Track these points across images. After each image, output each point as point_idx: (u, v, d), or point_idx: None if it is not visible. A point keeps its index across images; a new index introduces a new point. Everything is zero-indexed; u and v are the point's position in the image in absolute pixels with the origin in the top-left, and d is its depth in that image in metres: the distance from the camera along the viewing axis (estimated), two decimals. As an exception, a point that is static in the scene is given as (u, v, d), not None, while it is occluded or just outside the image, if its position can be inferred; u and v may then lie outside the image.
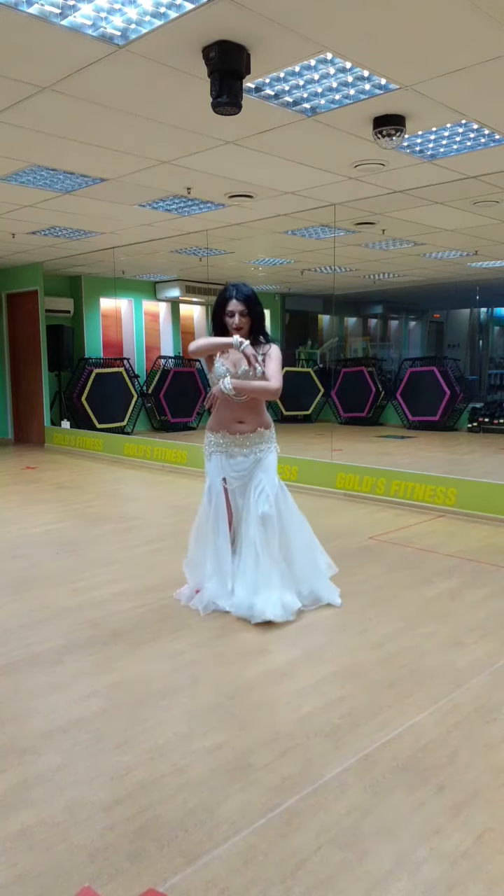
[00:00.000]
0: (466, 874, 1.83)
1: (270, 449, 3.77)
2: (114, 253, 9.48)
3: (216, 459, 3.77)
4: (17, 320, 11.13)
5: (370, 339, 15.62)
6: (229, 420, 3.73)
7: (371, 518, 5.93)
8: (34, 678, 2.98)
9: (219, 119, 4.11)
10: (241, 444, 3.71)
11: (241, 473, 3.73)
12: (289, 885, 1.79)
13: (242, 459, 3.71)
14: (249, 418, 3.73)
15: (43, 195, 6.28)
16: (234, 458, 3.72)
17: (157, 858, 1.89)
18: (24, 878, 1.83)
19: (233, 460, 3.72)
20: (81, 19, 3.11)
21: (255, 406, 3.73)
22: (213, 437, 3.79)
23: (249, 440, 3.72)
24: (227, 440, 3.74)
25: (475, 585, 4.14)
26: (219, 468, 3.77)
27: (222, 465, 3.76)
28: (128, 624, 3.56)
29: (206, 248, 9.06)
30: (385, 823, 2.03)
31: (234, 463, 3.73)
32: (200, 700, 2.78)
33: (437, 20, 3.09)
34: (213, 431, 3.79)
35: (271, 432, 3.81)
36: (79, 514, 6.15)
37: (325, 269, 10.79)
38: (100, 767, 2.32)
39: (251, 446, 3.73)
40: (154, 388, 11.98)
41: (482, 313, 14.16)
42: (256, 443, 3.73)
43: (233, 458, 3.72)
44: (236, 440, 3.72)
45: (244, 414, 3.71)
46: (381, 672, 3.00)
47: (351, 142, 4.74)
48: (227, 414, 3.73)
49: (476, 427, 11.85)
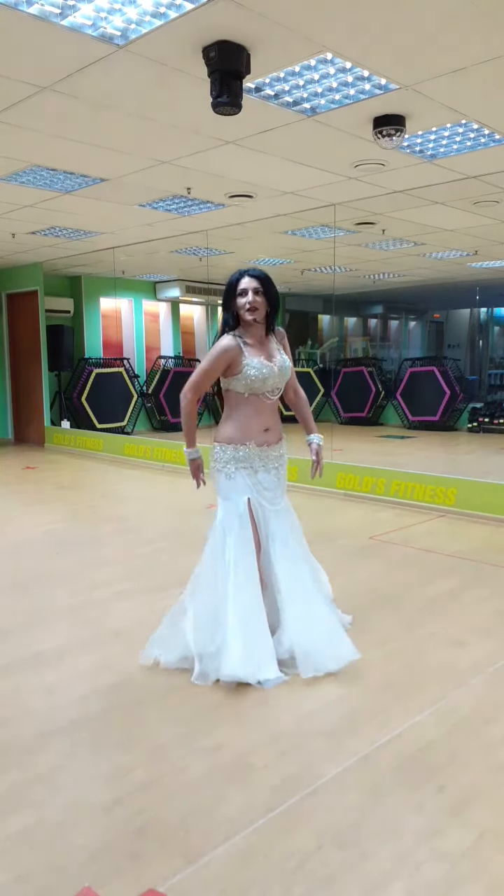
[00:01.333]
0: (466, 874, 1.83)
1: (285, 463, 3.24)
2: (114, 253, 9.48)
3: (241, 479, 3.05)
4: (17, 320, 11.13)
5: (370, 339, 15.62)
6: (256, 428, 3.06)
7: (371, 518, 5.93)
8: (34, 678, 2.97)
9: (219, 119, 4.11)
10: (266, 458, 3.09)
11: (272, 495, 3.11)
12: (289, 885, 1.79)
13: (267, 477, 3.10)
14: (275, 423, 3.14)
15: (43, 195, 6.28)
16: (258, 474, 3.08)
17: (157, 858, 1.89)
18: (24, 878, 1.83)
19: (259, 475, 3.08)
20: (81, 19, 3.11)
21: (276, 404, 3.16)
22: (233, 452, 3.05)
23: (276, 452, 3.13)
24: (252, 453, 3.06)
25: (475, 585, 4.14)
26: (246, 489, 3.05)
27: (250, 485, 3.06)
28: (128, 624, 3.56)
29: (206, 248, 9.06)
30: (385, 823, 2.03)
31: (263, 480, 3.08)
32: (200, 700, 2.77)
33: (437, 20, 3.09)
34: (233, 444, 3.05)
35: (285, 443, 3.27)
36: (79, 514, 6.15)
37: (325, 269, 10.79)
38: (100, 767, 2.32)
39: (278, 458, 3.15)
40: (154, 388, 11.99)
41: (482, 313, 14.15)
42: (279, 456, 3.16)
43: (258, 474, 3.08)
44: (263, 453, 3.08)
45: (271, 419, 3.11)
46: (381, 672, 3.00)
47: (351, 142, 4.74)
48: (252, 420, 3.07)
49: (476, 427, 11.85)
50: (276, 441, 3.13)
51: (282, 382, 3.11)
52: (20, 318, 11.04)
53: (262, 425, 3.08)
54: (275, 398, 3.11)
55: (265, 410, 3.08)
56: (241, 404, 3.07)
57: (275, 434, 3.13)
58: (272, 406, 3.12)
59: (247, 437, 3.05)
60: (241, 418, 3.07)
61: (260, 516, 3.07)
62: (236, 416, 3.08)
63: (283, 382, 3.12)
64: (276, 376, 3.05)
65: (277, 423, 3.16)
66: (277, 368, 3.05)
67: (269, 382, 3.03)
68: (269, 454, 3.10)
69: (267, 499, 3.10)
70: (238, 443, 3.06)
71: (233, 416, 3.10)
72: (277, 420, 3.16)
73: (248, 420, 3.07)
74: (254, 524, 3.04)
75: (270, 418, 3.11)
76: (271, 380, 3.03)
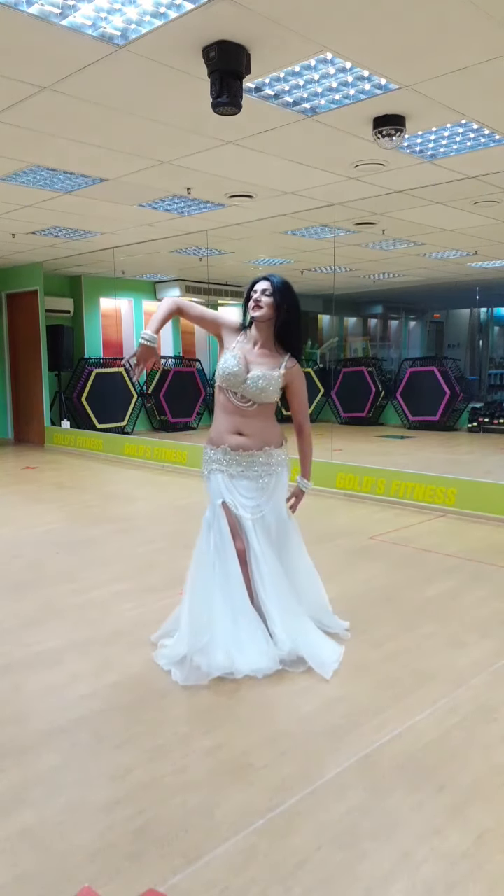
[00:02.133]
0: (466, 874, 1.83)
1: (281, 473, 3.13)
2: (114, 253, 9.48)
3: (216, 479, 3.09)
4: (17, 320, 11.13)
5: (370, 339, 15.63)
6: (226, 430, 3.07)
7: (371, 518, 5.93)
8: (34, 678, 2.97)
9: (219, 119, 4.11)
10: (244, 464, 3.05)
11: (253, 504, 3.07)
12: (289, 885, 1.79)
13: (247, 483, 3.06)
14: (252, 430, 3.05)
15: (43, 195, 6.28)
16: (234, 480, 3.06)
17: (157, 858, 1.89)
18: (24, 878, 1.83)
19: (235, 481, 3.06)
20: (81, 19, 3.11)
21: (261, 414, 3.07)
22: (211, 453, 3.12)
23: (253, 461, 3.06)
24: (227, 457, 3.06)
25: (475, 585, 4.14)
26: (220, 489, 3.07)
27: (226, 487, 3.06)
28: (128, 624, 3.56)
29: (206, 248, 9.06)
30: (385, 823, 2.03)
31: (241, 486, 3.06)
32: (200, 700, 2.77)
33: (437, 20, 3.09)
34: (211, 445, 3.13)
35: (283, 452, 3.15)
36: (79, 514, 6.15)
37: (325, 269, 10.79)
38: (100, 767, 2.32)
39: (257, 468, 3.07)
40: (154, 388, 11.99)
41: (482, 313, 14.16)
42: (266, 465, 3.08)
43: (234, 480, 3.06)
44: (236, 458, 3.05)
45: (244, 424, 3.05)
46: (381, 672, 3.00)
47: (351, 142, 4.74)
48: (223, 422, 3.09)
49: (476, 427, 11.86)
50: (256, 448, 3.05)
51: (249, 393, 3.00)
52: (20, 318, 11.04)
53: (234, 427, 3.05)
54: (243, 404, 3.03)
55: (236, 413, 3.05)
56: (218, 401, 3.12)
57: (253, 441, 3.05)
58: (250, 411, 3.05)
59: (220, 438, 3.09)
60: (217, 417, 3.14)
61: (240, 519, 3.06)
62: (215, 416, 3.17)
63: (252, 394, 3.01)
64: (240, 381, 2.99)
65: (262, 431, 3.08)
66: (248, 377, 2.98)
67: (230, 380, 3.00)
68: (246, 462, 3.05)
69: (244, 507, 3.06)
70: (214, 444, 3.11)
71: (215, 414, 3.19)
72: (262, 427, 3.08)
73: (219, 420, 3.11)
74: (234, 526, 3.03)
75: (248, 424, 3.05)
76: (233, 379, 2.99)
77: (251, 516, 3.07)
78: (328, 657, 3.05)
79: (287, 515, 3.19)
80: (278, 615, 3.03)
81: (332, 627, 3.34)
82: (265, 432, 3.09)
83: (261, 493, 3.08)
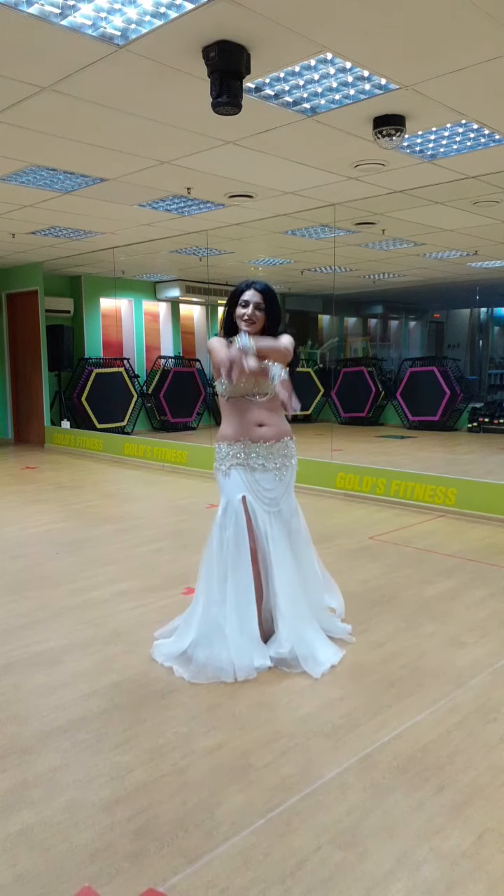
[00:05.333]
0: (466, 874, 1.83)
1: (294, 465, 3.24)
2: (114, 253, 9.48)
3: (237, 474, 3.12)
4: (17, 320, 11.13)
5: (370, 339, 15.62)
6: (248, 423, 3.13)
7: (371, 518, 5.93)
8: (34, 678, 2.97)
9: (219, 119, 4.11)
10: (264, 455, 3.13)
11: (272, 496, 3.14)
12: (289, 885, 1.79)
13: (267, 476, 3.13)
14: (272, 421, 3.17)
15: (43, 195, 6.28)
16: (256, 473, 3.12)
17: (157, 858, 1.89)
18: (24, 878, 1.83)
19: (257, 475, 3.12)
20: (81, 19, 3.11)
21: (275, 407, 3.17)
22: (229, 448, 3.15)
23: (275, 452, 3.15)
24: (248, 449, 3.13)
25: (475, 585, 4.14)
26: (241, 484, 3.11)
27: (246, 482, 3.11)
28: (128, 624, 3.56)
29: (206, 248, 9.06)
30: (385, 823, 2.03)
31: (262, 479, 3.12)
32: (200, 700, 2.77)
33: (436, 20, 3.09)
34: (227, 441, 3.16)
35: (294, 443, 3.27)
36: (79, 514, 6.15)
37: (325, 269, 10.79)
38: (100, 767, 2.32)
39: (278, 458, 3.16)
40: (154, 388, 11.99)
41: (482, 313, 14.16)
42: (283, 456, 3.18)
43: (255, 473, 3.12)
44: (259, 449, 3.13)
45: (265, 415, 3.15)
46: (381, 672, 3.00)
47: (351, 142, 4.74)
48: (243, 416, 3.14)
49: (476, 427, 11.86)
50: (275, 439, 3.15)
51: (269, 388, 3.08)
52: (20, 318, 11.04)
53: (255, 420, 3.14)
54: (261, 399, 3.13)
55: (256, 407, 3.14)
56: (229, 404, 3.17)
57: (273, 431, 3.15)
58: (266, 404, 3.14)
59: (239, 433, 3.14)
60: (233, 414, 3.17)
61: (257, 516, 3.11)
62: (228, 414, 3.20)
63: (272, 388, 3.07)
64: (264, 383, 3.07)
65: (279, 420, 3.19)
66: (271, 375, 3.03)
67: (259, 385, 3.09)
68: (268, 452, 3.14)
69: (265, 500, 3.13)
70: (230, 440, 3.16)
71: (226, 415, 3.21)
72: (279, 418, 3.20)
73: (237, 415, 3.15)
74: (250, 523, 3.08)
75: (268, 416, 3.15)
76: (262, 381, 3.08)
77: (270, 509, 3.14)
78: (323, 658, 3.05)
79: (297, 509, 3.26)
80: (287, 614, 3.07)
81: (335, 632, 3.32)
82: (282, 423, 3.22)
83: (279, 484, 3.16)
